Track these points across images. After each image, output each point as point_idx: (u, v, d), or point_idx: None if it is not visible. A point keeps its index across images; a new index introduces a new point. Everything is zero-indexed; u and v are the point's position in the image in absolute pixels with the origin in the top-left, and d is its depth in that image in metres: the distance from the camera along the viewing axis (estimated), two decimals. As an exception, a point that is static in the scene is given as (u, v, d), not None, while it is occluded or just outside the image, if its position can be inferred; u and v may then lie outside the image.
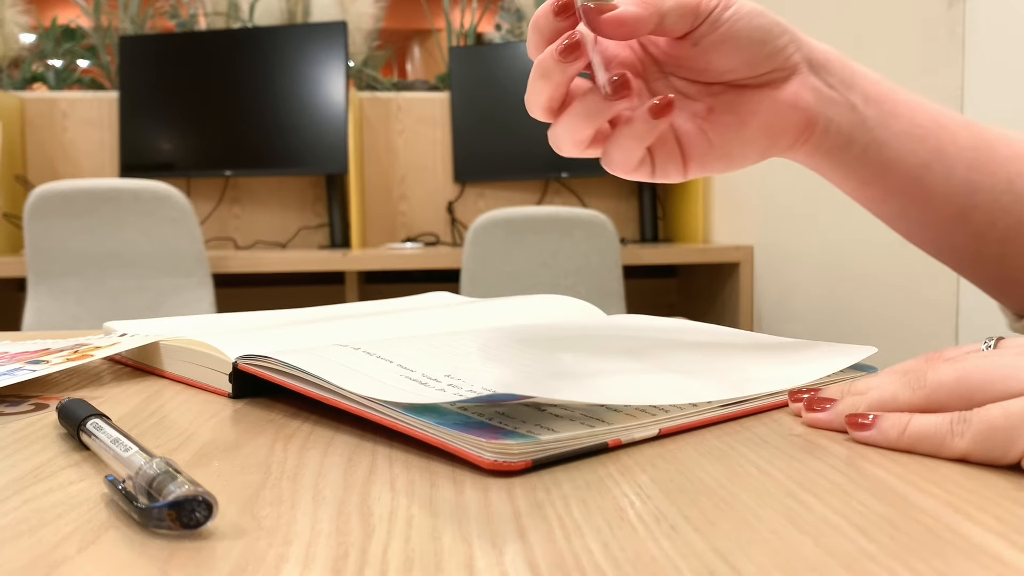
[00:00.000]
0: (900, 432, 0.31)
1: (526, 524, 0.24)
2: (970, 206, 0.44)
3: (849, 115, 0.42)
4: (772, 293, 1.97)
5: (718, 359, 0.43)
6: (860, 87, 0.43)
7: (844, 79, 0.43)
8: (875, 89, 0.43)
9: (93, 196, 1.89)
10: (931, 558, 0.21)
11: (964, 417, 0.29)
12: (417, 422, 0.31)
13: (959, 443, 0.29)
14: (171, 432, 0.35)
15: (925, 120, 0.43)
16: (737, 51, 0.40)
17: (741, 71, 0.41)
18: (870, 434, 0.32)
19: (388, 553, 0.22)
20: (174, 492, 0.23)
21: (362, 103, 2.51)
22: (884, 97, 0.43)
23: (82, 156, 2.54)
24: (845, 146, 0.43)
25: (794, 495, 0.26)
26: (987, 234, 0.44)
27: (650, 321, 0.54)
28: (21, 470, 0.30)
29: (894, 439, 0.31)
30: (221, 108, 2.42)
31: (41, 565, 0.22)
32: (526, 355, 0.42)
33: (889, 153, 0.43)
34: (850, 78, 0.43)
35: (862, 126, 0.43)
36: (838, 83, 0.42)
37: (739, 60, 0.41)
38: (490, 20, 2.79)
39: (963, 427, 0.29)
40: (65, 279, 1.95)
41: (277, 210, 2.57)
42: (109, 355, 0.46)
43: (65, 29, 2.68)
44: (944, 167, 0.43)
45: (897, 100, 0.43)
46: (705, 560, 0.21)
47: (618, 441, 0.31)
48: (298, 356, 0.38)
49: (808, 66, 0.42)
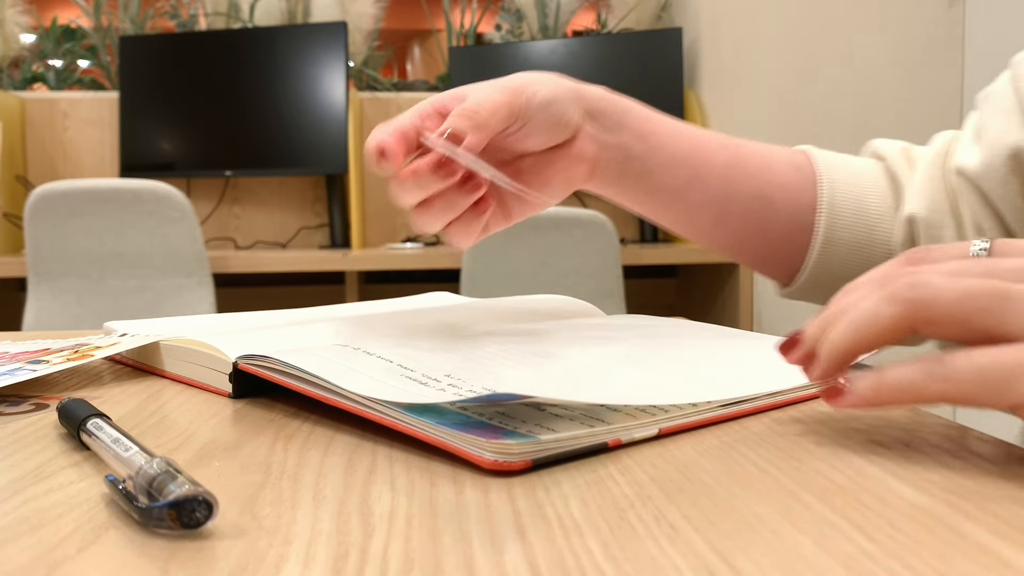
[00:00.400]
0: (876, 389, 0.29)
1: (526, 524, 0.24)
2: (725, 212, 0.54)
3: (620, 154, 0.51)
4: (772, 293, 1.97)
5: (718, 359, 0.43)
6: (629, 126, 0.51)
7: (616, 122, 0.51)
8: (642, 126, 0.52)
9: (93, 196, 1.89)
10: (931, 558, 0.21)
11: (945, 360, 0.28)
12: (417, 422, 0.31)
13: (944, 387, 0.28)
14: (171, 432, 0.35)
15: (684, 149, 0.53)
16: (539, 133, 0.49)
17: (542, 145, 0.49)
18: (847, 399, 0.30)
19: (388, 553, 0.22)
20: (174, 492, 0.23)
21: (362, 103, 2.51)
22: (650, 132, 0.52)
23: (82, 156, 2.54)
24: (619, 178, 0.52)
25: (794, 495, 0.26)
26: (742, 231, 0.55)
27: (649, 321, 0.54)
28: (21, 470, 0.30)
29: (872, 398, 0.29)
30: (221, 108, 2.42)
31: (41, 565, 0.22)
32: (526, 355, 0.42)
33: (654, 179, 0.52)
34: (621, 119, 0.51)
35: (631, 161, 0.51)
36: (612, 125, 0.51)
37: (541, 139, 0.49)
38: (490, 20, 2.79)
39: (944, 370, 0.28)
40: (65, 279, 1.95)
41: (277, 210, 2.57)
42: (109, 355, 0.46)
43: (65, 29, 2.68)
44: (701, 184, 0.53)
45: (660, 133, 0.52)
46: (705, 560, 0.21)
47: (618, 441, 0.31)
48: (298, 356, 0.38)
49: (588, 117, 0.50)
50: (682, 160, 0.52)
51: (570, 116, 0.49)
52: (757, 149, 0.55)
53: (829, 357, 0.31)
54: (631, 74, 2.43)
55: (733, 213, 0.54)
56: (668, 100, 2.40)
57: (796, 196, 0.55)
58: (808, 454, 0.30)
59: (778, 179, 0.55)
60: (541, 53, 2.48)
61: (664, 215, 0.55)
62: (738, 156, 0.54)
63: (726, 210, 0.54)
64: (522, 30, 2.68)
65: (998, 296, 0.28)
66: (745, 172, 0.54)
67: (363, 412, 0.33)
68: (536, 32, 2.66)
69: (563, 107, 0.49)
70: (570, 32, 2.76)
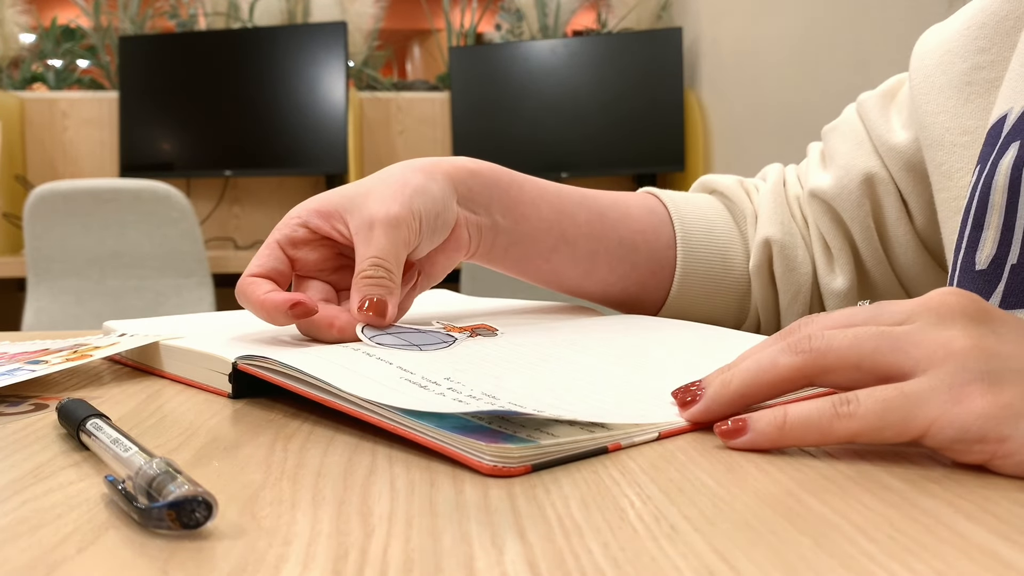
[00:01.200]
0: (779, 427, 0.30)
1: (526, 524, 0.24)
2: (593, 266, 0.57)
3: (490, 232, 0.53)
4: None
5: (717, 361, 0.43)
6: (497, 202, 0.53)
7: (484, 203, 0.52)
8: (507, 199, 0.53)
9: (93, 196, 1.89)
10: (931, 558, 0.21)
11: (848, 398, 0.29)
12: (416, 425, 0.31)
13: (848, 424, 0.29)
14: (171, 432, 0.35)
15: (548, 215, 0.55)
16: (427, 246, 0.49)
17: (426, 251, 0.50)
18: (746, 439, 0.30)
19: (388, 553, 0.22)
20: (174, 492, 0.23)
21: (362, 103, 2.51)
22: (515, 203, 0.54)
23: (82, 156, 2.54)
24: (490, 251, 0.54)
25: (794, 495, 0.26)
26: (610, 278, 0.58)
27: (648, 322, 0.54)
28: (21, 470, 0.30)
29: (775, 436, 0.30)
30: (221, 108, 2.42)
31: (41, 565, 0.22)
32: (525, 358, 0.42)
33: (523, 248, 0.55)
34: (488, 199, 0.53)
35: (499, 235, 0.53)
36: (480, 208, 0.52)
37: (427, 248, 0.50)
38: (490, 20, 2.79)
39: (850, 408, 0.29)
40: (65, 279, 1.95)
41: (277, 210, 2.57)
42: (109, 355, 0.46)
43: (65, 29, 2.68)
44: (568, 246, 0.56)
45: (525, 202, 0.54)
46: (705, 560, 0.21)
47: (618, 445, 0.31)
48: (297, 357, 0.38)
49: (461, 202, 0.51)
50: (548, 227, 0.55)
51: (450, 216, 0.50)
52: (614, 200, 0.59)
53: (718, 395, 0.33)
54: (631, 74, 2.43)
55: (600, 264, 0.58)
56: (668, 100, 2.40)
57: (654, 238, 0.59)
58: (808, 454, 0.30)
59: (636, 224, 0.59)
60: (541, 53, 2.48)
61: (536, 277, 0.58)
62: (599, 211, 0.57)
63: (593, 264, 0.57)
64: (522, 30, 2.68)
65: (885, 336, 0.30)
66: (606, 225, 0.57)
67: (362, 415, 0.33)
68: (536, 32, 2.66)
69: (446, 213, 0.50)
70: (570, 32, 2.76)
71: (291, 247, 0.49)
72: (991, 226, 0.42)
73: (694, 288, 0.60)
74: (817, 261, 0.59)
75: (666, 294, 0.60)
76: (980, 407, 0.27)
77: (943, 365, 0.28)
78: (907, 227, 0.57)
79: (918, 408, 0.28)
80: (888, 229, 0.57)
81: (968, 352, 0.28)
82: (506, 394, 0.34)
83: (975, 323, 0.29)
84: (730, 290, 0.61)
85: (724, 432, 0.31)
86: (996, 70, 0.49)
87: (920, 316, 0.30)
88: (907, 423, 0.28)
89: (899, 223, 0.57)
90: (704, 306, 0.60)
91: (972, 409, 0.27)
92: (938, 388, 0.28)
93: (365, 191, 0.48)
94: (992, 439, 0.27)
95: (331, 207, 0.49)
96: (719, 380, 0.33)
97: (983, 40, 0.50)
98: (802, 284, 0.59)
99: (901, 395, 0.28)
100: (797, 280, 0.59)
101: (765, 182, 0.64)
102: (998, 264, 0.42)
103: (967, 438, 0.27)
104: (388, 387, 0.34)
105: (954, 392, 0.28)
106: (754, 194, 0.63)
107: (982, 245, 0.43)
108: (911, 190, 0.56)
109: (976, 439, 0.27)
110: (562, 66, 2.46)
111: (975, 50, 0.50)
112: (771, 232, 0.59)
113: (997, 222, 0.42)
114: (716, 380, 0.33)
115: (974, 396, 0.27)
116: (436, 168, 0.50)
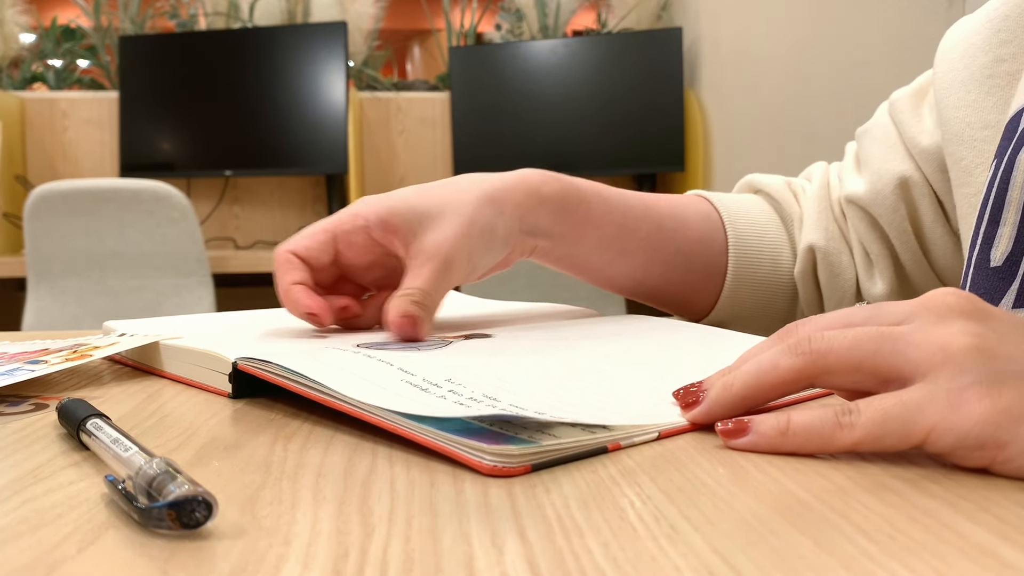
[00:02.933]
0: (782, 432, 0.30)
1: (526, 524, 0.24)
2: (647, 275, 0.59)
3: (546, 250, 0.55)
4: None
5: (717, 361, 0.43)
6: (560, 225, 0.54)
7: (545, 229, 0.53)
8: (573, 220, 0.54)
9: (93, 196, 1.89)
10: (931, 558, 0.21)
11: (850, 408, 0.29)
12: (417, 426, 0.31)
13: (850, 434, 0.29)
14: (171, 432, 0.35)
15: (611, 231, 0.56)
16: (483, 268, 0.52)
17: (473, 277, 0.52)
18: (748, 440, 0.30)
19: (388, 553, 0.22)
20: (174, 492, 0.23)
21: (362, 103, 2.51)
22: (580, 223, 0.55)
23: (82, 156, 2.54)
24: (541, 259, 0.56)
25: (794, 495, 0.26)
26: (663, 284, 0.60)
27: (648, 322, 0.54)
28: (21, 470, 0.30)
29: (777, 442, 0.30)
30: (221, 108, 2.42)
31: (41, 565, 0.22)
32: (525, 359, 0.42)
33: (578, 260, 0.56)
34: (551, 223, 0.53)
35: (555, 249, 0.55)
36: (542, 233, 0.53)
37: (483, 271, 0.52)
38: (490, 20, 2.79)
39: (851, 418, 0.29)
40: (65, 279, 1.95)
41: (277, 210, 2.57)
42: (109, 355, 0.46)
43: (65, 29, 2.68)
44: (624, 257, 0.57)
45: (590, 222, 0.55)
46: (705, 560, 0.21)
47: (617, 445, 0.31)
48: (297, 360, 0.38)
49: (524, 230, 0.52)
50: (607, 244, 0.56)
51: (506, 250, 0.52)
52: (672, 209, 0.59)
53: (721, 398, 0.33)
54: (631, 74, 2.43)
55: (655, 274, 0.59)
56: (668, 100, 2.40)
57: (709, 245, 0.60)
58: (808, 454, 0.30)
59: (693, 233, 0.59)
60: (541, 53, 2.48)
61: (586, 279, 0.59)
62: (658, 221, 0.58)
63: (648, 272, 0.58)
64: (522, 30, 2.68)
65: (885, 338, 0.30)
66: (664, 236, 0.58)
67: (362, 415, 0.33)
68: (536, 32, 2.66)
69: (503, 250, 0.51)
70: (570, 32, 2.76)
71: (345, 245, 0.50)
72: (1007, 223, 0.42)
73: (745, 292, 0.60)
74: (858, 266, 0.60)
75: (716, 298, 0.60)
76: (978, 412, 0.27)
77: (941, 369, 0.28)
78: (944, 228, 0.56)
79: (917, 416, 0.28)
80: (926, 231, 0.57)
81: (967, 353, 0.28)
82: (507, 396, 0.34)
83: (974, 322, 0.29)
84: (779, 294, 0.61)
85: (726, 432, 0.31)
86: (1018, 62, 0.48)
87: (919, 316, 0.30)
88: (907, 431, 0.28)
89: (936, 225, 0.56)
90: (754, 309, 0.61)
91: (970, 415, 0.27)
92: (936, 394, 0.28)
93: (437, 212, 0.49)
94: (991, 445, 0.27)
95: (399, 223, 0.49)
96: (721, 383, 0.33)
97: (1006, 32, 0.49)
98: (846, 290, 0.60)
99: (900, 404, 0.28)
100: (841, 286, 0.60)
101: (811, 182, 0.64)
102: (1013, 261, 0.41)
103: (966, 444, 0.27)
104: (389, 390, 0.34)
105: (952, 398, 0.28)
106: (801, 196, 0.63)
107: (997, 242, 0.42)
108: (946, 190, 0.54)
109: (975, 445, 0.27)
110: (562, 66, 2.46)
111: (998, 42, 0.49)
112: (815, 239, 0.59)
113: (1014, 219, 0.41)
114: (718, 383, 0.33)
115: (972, 401, 0.27)
116: (508, 199, 0.51)
